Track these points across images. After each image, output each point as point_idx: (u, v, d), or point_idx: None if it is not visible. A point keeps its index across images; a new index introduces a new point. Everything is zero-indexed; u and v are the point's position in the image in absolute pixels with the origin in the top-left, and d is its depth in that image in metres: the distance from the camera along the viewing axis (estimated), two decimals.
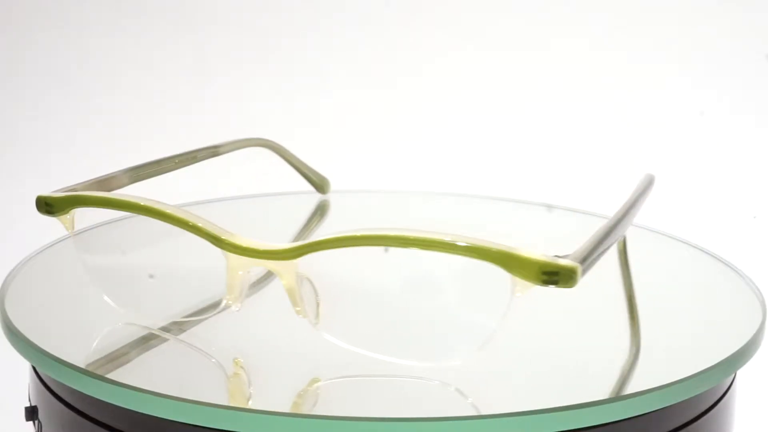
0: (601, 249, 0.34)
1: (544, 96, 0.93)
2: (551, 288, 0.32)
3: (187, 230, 0.36)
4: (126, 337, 0.39)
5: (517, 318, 0.42)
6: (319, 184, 0.60)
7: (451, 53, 0.95)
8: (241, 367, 0.37)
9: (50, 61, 1.03)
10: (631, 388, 0.34)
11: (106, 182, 0.44)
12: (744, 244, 0.81)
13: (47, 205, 0.39)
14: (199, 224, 0.36)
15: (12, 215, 0.95)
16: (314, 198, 0.60)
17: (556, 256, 0.32)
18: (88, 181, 0.43)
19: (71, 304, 0.43)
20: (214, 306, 0.38)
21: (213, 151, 0.55)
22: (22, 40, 1.02)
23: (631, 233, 0.51)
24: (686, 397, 0.34)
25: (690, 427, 0.35)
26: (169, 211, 0.37)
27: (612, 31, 0.92)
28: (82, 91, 1.01)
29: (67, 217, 0.39)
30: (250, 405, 0.34)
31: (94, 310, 0.41)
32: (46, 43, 1.02)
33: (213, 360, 0.38)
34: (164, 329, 0.39)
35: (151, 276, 0.39)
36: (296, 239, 0.53)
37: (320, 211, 0.60)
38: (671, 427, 0.35)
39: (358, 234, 0.33)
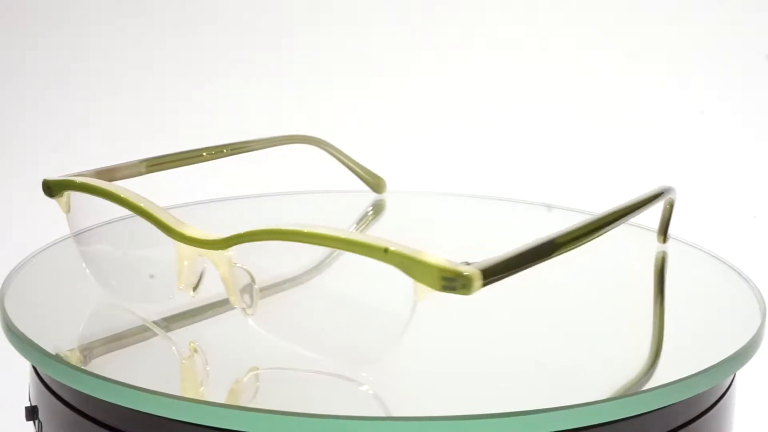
0: (525, 261, 0.34)
1: (544, 96, 0.93)
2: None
3: (145, 219, 0.38)
4: (104, 328, 0.40)
5: (516, 317, 0.42)
6: (374, 183, 0.60)
7: (452, 53, 0.95)
8: (195, 351, 0.38)
9: (51, 60, 1.03)
10: (630, 388, 0.34)
11: (119, 170, 0.46)
12: (744, 244, 0.81)
13: (48, 188, 0.42)
14: (155, 214, 0.37)
15: (12, 215, 0.95)
16: (358, 197, 0.60)
17: (464, 262, 0.32)
18: (105, 167, 0.45)
19: (71, 304, 0.43)
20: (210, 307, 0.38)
21: (247, 146, 0.55)
22: (22, 40, 1.03)
23: (630, 233, 0.51)
24: (686, 397, 0.34)
25: (690, 427, 0.35)
26: (132, 199, 0.38)
27: (612, 31, 0.92)
28: (84, 92, 1.01)
29: (62, 199, 0.42)
30: (202, 390, 0.35)
31: (94, 309, 0.42)
32: (47, 43, 1.02)
33: (173, 347, 0.39)
34: (154, 324, 0.40)
35: (151, 276, 0.39)
36: None
37: (375, 210, 0.59)
38: (671, 427, 0.35)
39: (279, 228, 0.34)
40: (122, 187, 0.40)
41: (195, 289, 0.38)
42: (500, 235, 0.54)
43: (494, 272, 0.32)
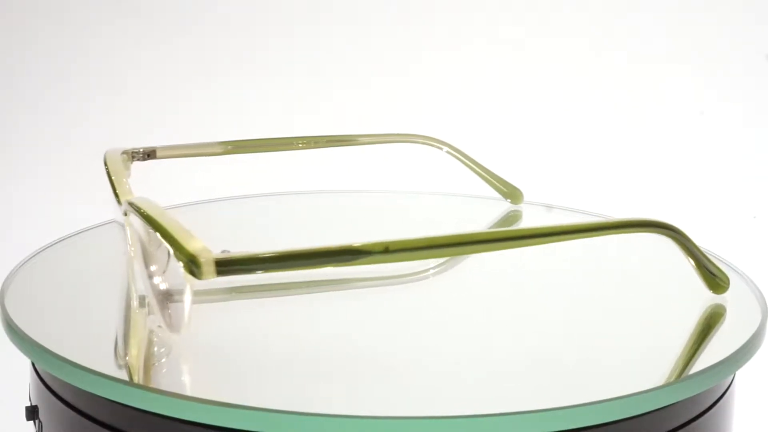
0: (275, 260, 0.34)
1: (544, 96, 0.93)
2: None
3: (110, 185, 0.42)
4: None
5: (518, 319, 0.42)
6: (509, 192, 0.57)
7: (450, 53, 0.95)
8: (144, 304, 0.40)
9: (51, 60, 1.03)
10: (630, 388, 0.34)
11: (197, 147, 0.50)
12: (744, 244, 0.81)
13: None
14: (114, 182, 0.41)
15: (12, 215, 0.95)
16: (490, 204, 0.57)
17: (224, 250, 0.33)
18: (185, 144, 0.49)
19: (71, 304, 0.43)
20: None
21: (350, 140, 0.54)
22: (22, 40, 1.03)
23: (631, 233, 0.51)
24: (686, 397, 0.34)
25: (689, 427, 0.35)
26: (110, 170, 0.42)
27: (612, 31, 0.92)
28: (82, 92, 1.01)
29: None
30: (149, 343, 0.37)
31: (94, 308, 0.42)
32: (47, 42, 1.02)
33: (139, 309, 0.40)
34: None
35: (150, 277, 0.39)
36: None
37: (510, 220, 0.56)
38: (671, 427, 0.35)
39: (133, 201, 0.37)
40: (119, 166, 0.42)
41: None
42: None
43: (230, 264, 0.33)
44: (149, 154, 0.49)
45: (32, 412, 0.39)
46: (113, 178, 0.42)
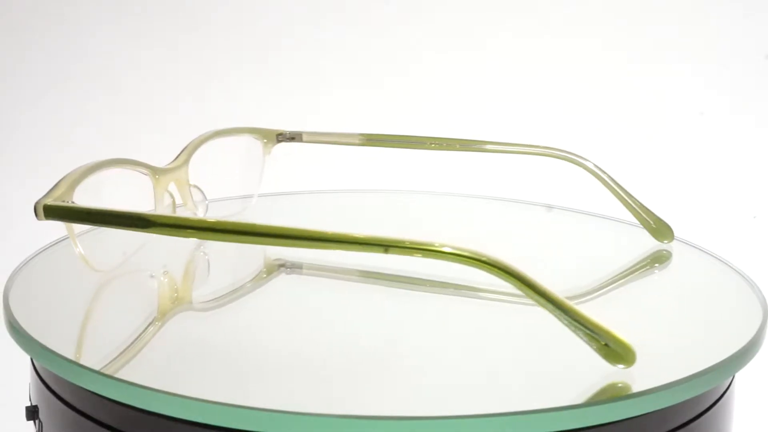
0: (89, 218, 0.38)
1: (543, 95, 0.93)
2: None
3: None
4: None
5: (518, 320, 0.42)
6: (656, 228, 0.50)
7: (451, 53, 0.95)
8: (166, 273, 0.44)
9: (51, 60, 1.03)
10: (631, 388, 0.34)
11: (335, 135, 0.55)
12: (744, 244, 0.81)
13: None
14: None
15: (13, 215, 0.95)
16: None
17: (70, 201, 0.39)
18: (325, 131, 0.54)
19: (73, 303, 0.43)
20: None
21: (483, 146, 0.55)
22: (22, 40, 1.03)
23: (632, 233, 0.51)
24: (685, 398, 0.34)
25: (689, 427, 0.35)
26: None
27: (612, 31, 0.92)
28: (82, 91, 1.01)
29: None
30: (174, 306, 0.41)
31: (95, 308, 0.42)
32: (47, 43, 1.02)
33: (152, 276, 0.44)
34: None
35: (151, 276, 0.39)
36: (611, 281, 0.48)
37: (655, 260, 0.50)
38: (670, 427, 0.35)
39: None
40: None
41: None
42: (491, 231, 0.54)
43: (51, 212, 0.39)
44: (294, 137, 0.54)
45: (32, 412, 0.39)
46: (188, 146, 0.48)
